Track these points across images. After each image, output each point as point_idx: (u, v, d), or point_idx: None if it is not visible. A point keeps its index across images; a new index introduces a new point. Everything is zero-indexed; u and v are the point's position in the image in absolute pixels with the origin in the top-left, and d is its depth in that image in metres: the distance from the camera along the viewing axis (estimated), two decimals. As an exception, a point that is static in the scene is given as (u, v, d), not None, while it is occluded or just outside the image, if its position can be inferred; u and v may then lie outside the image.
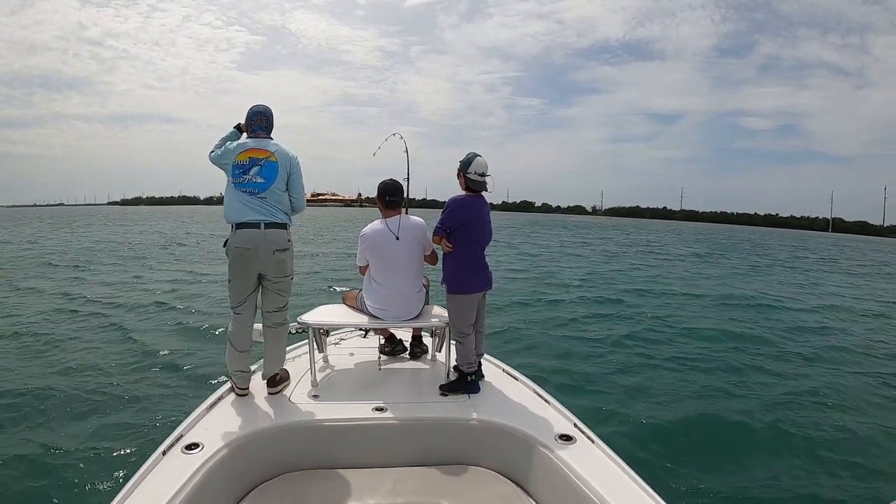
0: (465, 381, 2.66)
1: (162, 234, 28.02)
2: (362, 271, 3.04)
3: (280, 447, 2.21)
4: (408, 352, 3.27)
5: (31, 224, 40.46)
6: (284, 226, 2.60)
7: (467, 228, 2.73)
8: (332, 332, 3.46)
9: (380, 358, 3.14)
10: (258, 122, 2.68)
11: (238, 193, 2.55)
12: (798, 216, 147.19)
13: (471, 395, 2.61)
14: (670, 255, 23.98)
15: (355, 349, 3.36)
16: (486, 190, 2.77)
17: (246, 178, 2.55)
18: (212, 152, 2.68)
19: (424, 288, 3.05)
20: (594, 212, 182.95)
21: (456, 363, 2.71)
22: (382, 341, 3.29)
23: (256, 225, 2.50)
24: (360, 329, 3.61)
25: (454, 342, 2.75)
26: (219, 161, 2.64)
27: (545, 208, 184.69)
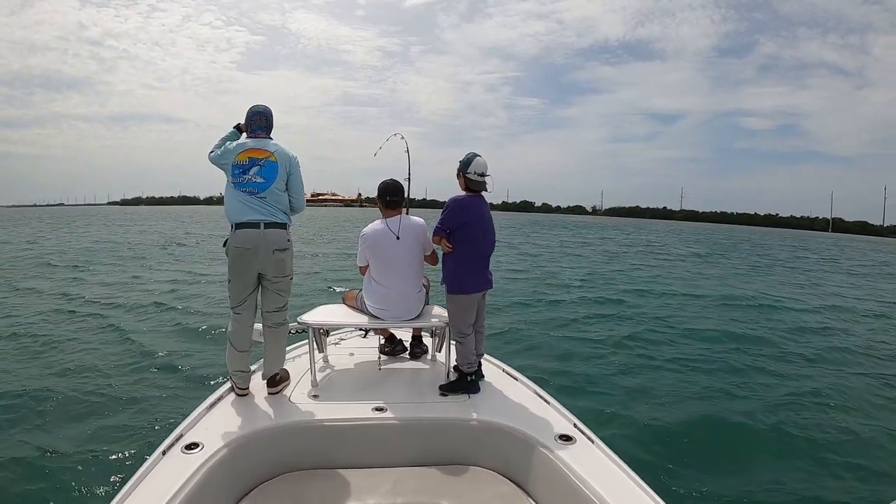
0: (465, 382, 2.65)
1: (161, 235, 28.01)
2: (362, 271, 3.04)
3: (280, 447, 2.21)
4: (408, 352, 3.27)
5: (31, 224, 40.41)
6: (284, 226, 2.60)
7: (467, 228, 2.73)
8: (332, 332, 3.46)
9: (380, 358, 3.14)
10: (258, 122, 2.68)
11: (238, 193, 2.55)
12: (798, 216, 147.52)
13: (471, 395, 2.61)
14: (671, 255, 23.96)
15: (355, 349, 3.36)
16: (486, 190, 2.77)
17: (246, 178, 2.55)
18: (211, 152, 2.68)
19: (425, 288, 3.05)
20: (594, 212, 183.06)
21: (456, 363, 2.71)
22: (382, 341, 3.29)
23: (256, 225, 2.50)
24: (360, 329, 3.61)
25: (454, 342, 2.74)
26: (218, 161, 2.64)
27: (545, 208, 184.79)
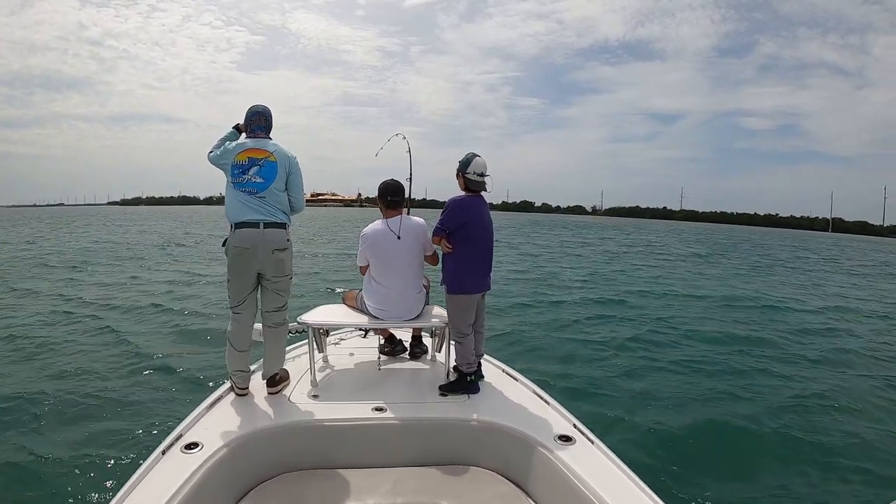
0: (465, 382, 2.65)
1: (161, 235, 27.96)
2: (363, 271, 3.03)
3: (279, 447, 2.21)
4: (407, 352, 3.27)
5: (31, 224, 40.31)
6: (284, 225, 2.59)
7: (467, 229, 2.73)
8: (331, 332, 3.46)
9: (379, 358, 3.14)
10: (257, 122, 2.68)
11: (237, 193, 2.55)
12: (798, 216, 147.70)
13: (470, 395, 2.61)
14: (671, 255, 23.94)
15: (355, 349, 3.36)
16: (486, 190, 2.77)
17: (245, 178, 2.55)
18: (211, 152, 2.68)
19: (425, 288, 3.05)
20: (594, 212, 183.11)
21: (455, 363, 2.71)
22: (382, 341, 3.29)
23: (255, 224, 2.50)
24: (360, 329, 3.61)
25: (454, 342, 2.74)
26: (218, 161, 2.64)
27: (545, 208, 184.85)
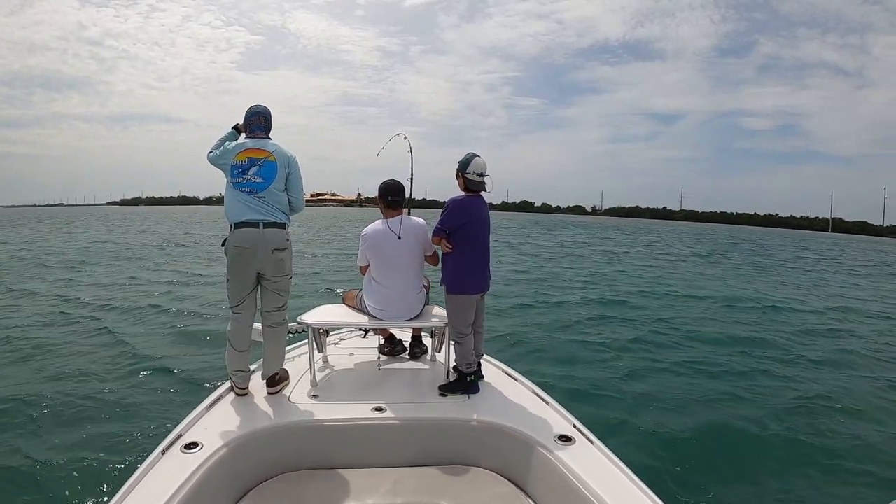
0: (465, 382, 2.65)
1: (160, 235, 27.93)
2: (363, 271, 3.03)
3: (279, 447, 2.21)
4: (407, 352, 3.27)
5: (30, 224, 40.18)
6: (283, 225, 2.59)
7: (467, 229, 2.73)
8: (331, 332, 3.46)
9: (379, 358, 3.14)
10: (257, 122, 2.68)
11: (237, 193, 2.55)
12: (798, 216, 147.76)
13: (470, 395, 2.60)
14: (672, 255, 23.90)
15: (355, 349, 3.36)
16: (486, 190, 2.77)
17: (245, 178, 2.55)
18: (210, 153, 2.68)
19: (425, 289, 3.04)
20: (594, 212, 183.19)
21: (455, 363, 2.71)
22: (382, 341, 3.29)
23: (255, 224, 2.50)
24: (360, 329, 3.61)
25: (453, 342, 2.74)
26: (217, 161, 2.64)
27: (545, 208, 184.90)
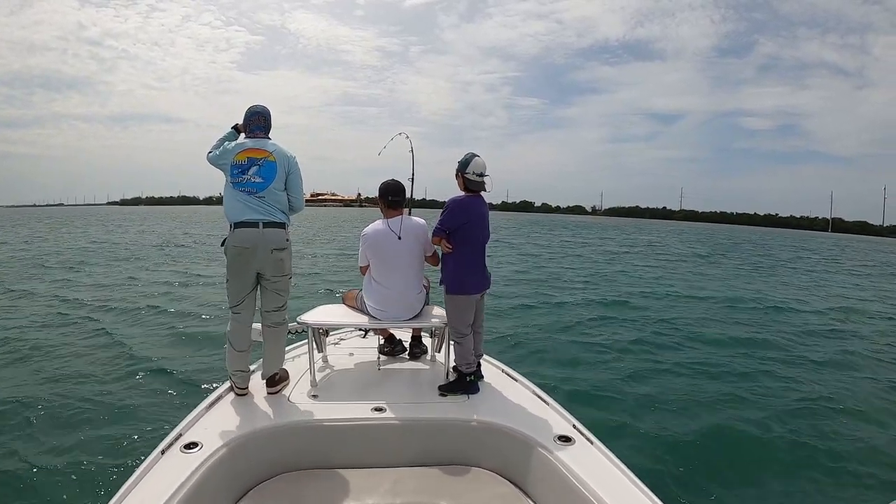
0: (465, 382, 2.65)
1: (160, 235, 27.91)
2: (363, 271, 3.03)
3: (279, 447, 2.21)
4: (407, 352, 3.27)
5: (30, 224, 40.09)
6: (283, 225, 2.60)
7: (467, 229, 2.72)
8: (331, 332, 3.45)
9: (379, 358, 3.14)
10: (256, 122, 2.68)
11: (237, 193, 2.55)
12: (798, 216, 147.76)
13: (470, 395, 2.60)
14: (672, 255, 23.87)
15: (355, 349, 3.35)
16: (485, 190, 2.76)
17: (244, 178, 2.55)
18: (210, 153, 2.67)
19: (425, 289, 3.04)
20: (594, 212, 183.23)
21: (455, 364, 2.71)
22: (382, 341, 3.29)
23: (255, 224, 2.50)
24: (360, 329, 3.60)
25: (453, 343, 2.74)
26: (217, 161, 2.64)
27: (545, 208, 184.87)
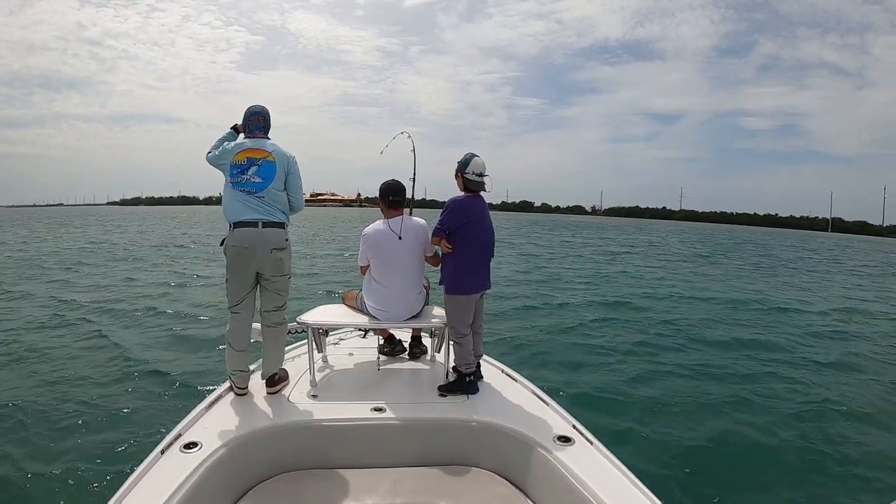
0: (464, 382, 2.65)
1: (159, 235, 27.88)
2: (363, 271, 3.03)
3: (278, 447, 2.21)
4: (407, 352, 3.27)
5: (29, 225, 39.88)
6: (282, 225, 2.60)
7: (467, 229, 2.72)
8: (331, 332, 3.45)
9: (379, 358, 3.14)
10: (255, 122, 2.68)
11: (236, 193, 2.55)
12: (798, 216, 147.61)
13: (469, 395, 2.60)
14: (673, 255, 23.81)
15: (354, 349, 3.36)
16: (485, 190, 2.77)
17: (244, 178, 2.55)
18: (209, 153, 2.68)
19: (425, 289, 3.04)
20: (594, 212, 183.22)
21: (455, 364, 2.71)
22: (382, 341, 3.29)
23: (254, 224, 2.50)
24: (360, 329, 3.61)
25: (453, 343, 2.74)
26: (216, 161, 2.64)
27: (544, 208, 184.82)
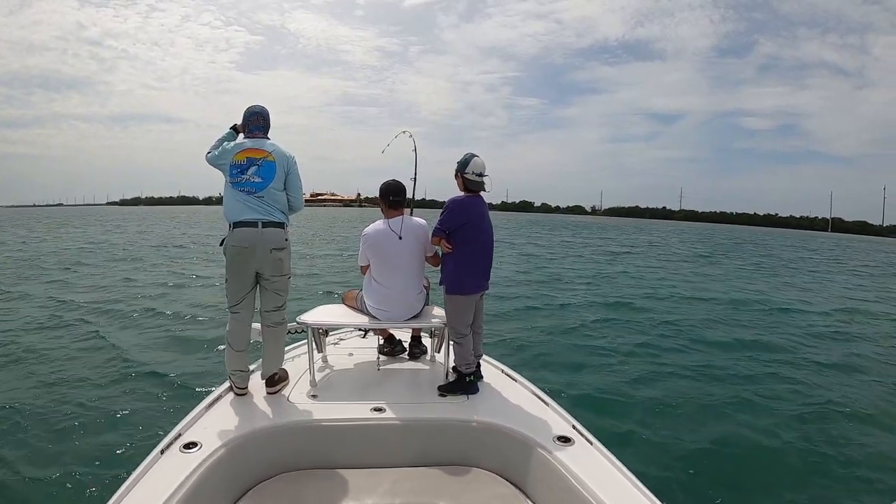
0: (464, 382, 2.65)
1: (158, 236, 27.86)
2: (363, 271, 3.03)
3: (278, 447, 2.21)
4: (407, 352, 3.27)
5: (28, 225, 39.79)
6: (282, 225, 2.60)
7: (467, 229, 2.72)
8: (331, 332, 3.45)
9: (379, 358, 3.14)
10: (255, 122, 2.68)
11: (236, 193, 2.56)
12: (798, 216, 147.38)
13: (469, 395, 2.60)
14: (674, 255, 23.78)
15: (354, 349, 3.36)
16: (485, 190, 2.76)
17: (244, 178, 2.56)
18: (209, 153, 2.68)
19: (425, 289, 3.04)
20: (594, 212, 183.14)
21: (454, 364, 2.71)
22: (381, 342, 3.29)
23: (254, 224, 2.50)
24: (360, 329, 3.60)
25: (453, 343, 2.74)
26: (216, 161, 2.64)
27: (544, 208, 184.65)
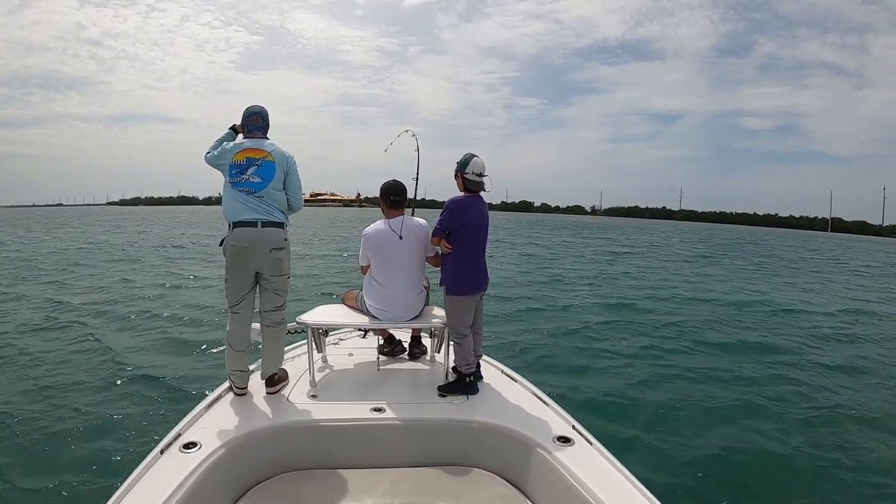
0: (464, 382, 2.65)
1: (158, 236, 27.85)
2: (364, 271, 3.03)
3: (278, 447, 2.21)
4: (407, 352, 3.27)
5: (27, 225, 39.71)
6: (281, 224, 2.60)
7: (467, 229, 2.73)
8: (331, 333, 3.45)
9: (378, 358, 3.14)
10: (254, 122, 2.68)
11: (235, 193, 2.56)
12: (797, 216, 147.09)
13: (469, 396, 2.60)
14: (675, 256, 23.74)
15: (354, 349, 3.35)
16: (485, 190, 2.76)
17: (243, 178, 2.56)
18: (208, 153, 2.67)
19: (425, 289, 3.04)
20: (593, 212, 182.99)
21: (454, 364, 2.71)
22: (381, 342, 3.29)
23: (253, 223, 2.50)
24: (360, 329, 3.60)
25: (453, 343, 2.74)
26: (215, 162, 2.64)
27: (544, 208, 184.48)
